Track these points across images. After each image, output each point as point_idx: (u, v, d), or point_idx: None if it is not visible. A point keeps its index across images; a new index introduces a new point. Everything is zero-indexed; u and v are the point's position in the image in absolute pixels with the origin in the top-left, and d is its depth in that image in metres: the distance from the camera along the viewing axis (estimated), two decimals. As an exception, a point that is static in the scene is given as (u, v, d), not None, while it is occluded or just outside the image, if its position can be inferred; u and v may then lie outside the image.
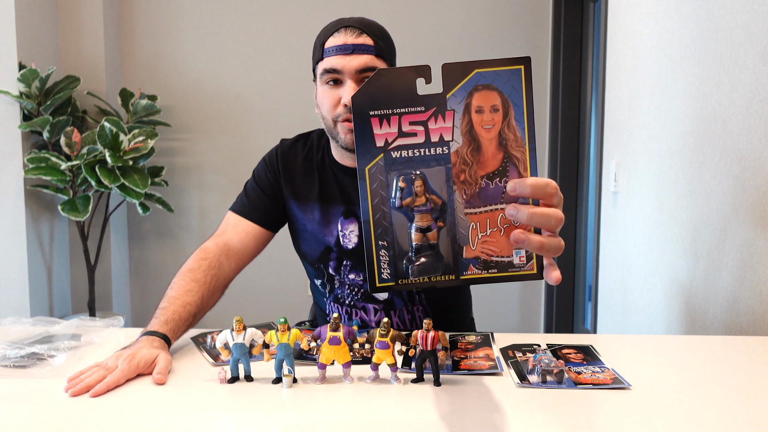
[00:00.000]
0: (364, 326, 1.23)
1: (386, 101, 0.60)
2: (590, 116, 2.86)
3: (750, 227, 1.25)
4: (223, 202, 3.24)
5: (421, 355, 0.83)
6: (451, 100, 0.60)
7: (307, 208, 1.22)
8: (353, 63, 1.06)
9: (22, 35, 2.75)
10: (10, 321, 1.12)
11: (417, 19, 3.15)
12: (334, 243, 1.19)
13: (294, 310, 3.16)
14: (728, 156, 1.34)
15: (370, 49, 1.06)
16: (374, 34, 1.08)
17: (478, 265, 0.63)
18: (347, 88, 1.07)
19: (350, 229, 1.18)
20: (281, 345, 0.82)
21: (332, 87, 1.09)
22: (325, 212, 1.20)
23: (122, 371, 0.82)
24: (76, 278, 3.14)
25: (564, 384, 0.82)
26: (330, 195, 1.21)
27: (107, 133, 2.68)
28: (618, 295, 2.09)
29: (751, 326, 1.23)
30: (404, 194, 0.61)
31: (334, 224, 1.19)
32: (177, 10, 3.21)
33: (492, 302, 3.25)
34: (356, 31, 1.07)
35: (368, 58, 1.06)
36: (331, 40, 1.08)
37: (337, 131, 1.12)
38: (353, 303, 1.22)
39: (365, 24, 1.09)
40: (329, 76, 1.08)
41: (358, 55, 1.06)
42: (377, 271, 0.62)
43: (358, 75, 1.07)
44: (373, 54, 1.06)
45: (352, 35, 1.07)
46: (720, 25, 1.38)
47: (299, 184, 1.23)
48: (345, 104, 1.07)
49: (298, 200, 1.23)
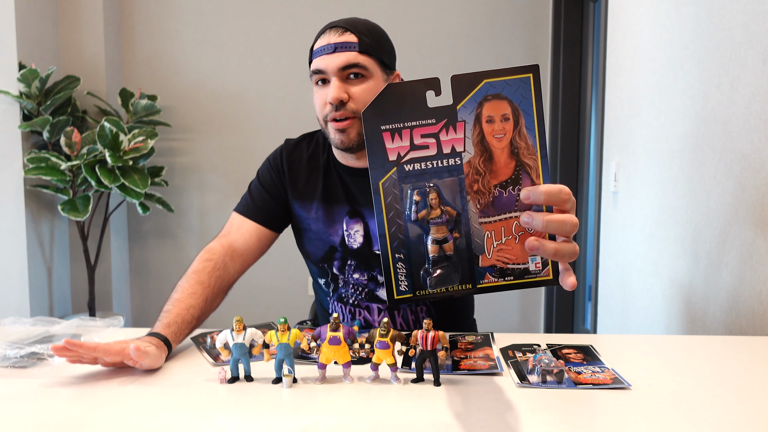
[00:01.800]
0: (368, 326, 1.23)
1: (397, 115, 0.60)
2: (590, 116, 2.86)
3: (750, 227, 1.25)
4: (223, 202, 3.24)
5: (421, 355, 0.83)
6: (462, 111, 0.60)
7: (312, 208, 1.22)
8: (335, 61, 1.06)
9: (22, 35, 2.75)
10: (10, 321, 1.12)
11: (417, 19, 3.15)
12: (339, 243, 1.19)
13: (294, 310, 3.16)
14: (728, 156, 1.34)
15: (353, 46, 1.06)
16: (359, 31, 1.08)
17: (495, 273, 0.63)
18: (332, 86, 1.07)
19: (355, 228, 1.18)
20: (281, 345, 0.82)
21: (321, 87, 1.11)
22: (329, 212, 1.20)
23: (107, 345, 0.84)
24: (76, 278, 3.14)
25: (564, 384, 0.82)
26: (335, 195, 1.20)
27: (107, 133, 2.68)
28: (618, 295, 2.09)
29: (751, 326, 1.23)
30: (419, 207, 0.61)
31: (339, 224, 1.19)
32: (177, 10, 3.21)
33: (492, 302, 3.25)
34: (340, 30, 1.08)
35: (350, 55, 1.06)
36: (318, 42, 1.10)
37: (328, 131, 1.12)
38: (357, 302, 1.22)
39: (351, 22, 1.09)
40: (317, 76, 1.10)
41: (340, 53, 1.06)
42: (395, 284, 0.63)
43: (341, 72, 1.07)
44: (356, 50, 1.06)
45: (335, 35, 1.07)
46: (720, 25, 1.38)
47: (303, 183, 1.23)
48: (330, 102, 1.08)
49: (303, 200, 1.23)
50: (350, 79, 1.08)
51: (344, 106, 1.07)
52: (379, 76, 1.10)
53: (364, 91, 1.08)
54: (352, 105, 1.08)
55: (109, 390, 0.81)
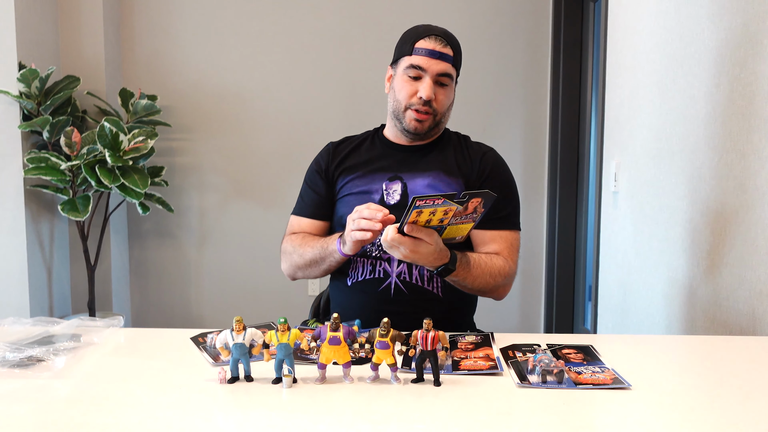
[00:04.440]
0: (386, 277, 1.29)
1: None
2: (590, 116, 2.86)
3: (750, 227, 1.25)
4: (223, 202, 3.24)
5: (421, 355, 0.83)
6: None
7: (356, 176, 1.37)
8: (437, 67, 1.27)
9: (22, 35, 2.75)
10: (10, 321, 1.12)
11: (417, 19, 3.14)
12: (378, 200, 1.33)
13: (294, 310, 3.16)
14: (728, 156, 1.34)
15: (450, 59, 1.28)
16: (454, 47, 1.30)
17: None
18: (426, 85, 1.27)
19: (394, 188, 1.34)
20: (281, 345, 0.82)
21: (412, 79, 1.29)
22: (372, 177, 1.36)
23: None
24: (76, 278, 3.14)
25: (564, 384, 0.82)
26: (379, 163, 1.37)
27: (107, 133, 2.68)
28: (618, 295, 2.09)
29: (751, 326, 1.23)
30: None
31: (379, 185, 1.34)
32: (177, 9, 3.21)
33: (492, 302, 3.25)
34: (443, 41, 1.28)
35: (448, 66, 1.28)
36: (422, 42, 1.28)
37: (404, 116, 1.31)
38: (379, 254, 1.31)
39: (449, 37, 1.30)
40: (414, 71, 1.28)
41: (441, 62, 1.27)
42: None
43: (437, 77, 1.28)
44: (451, 63, 1.28)
45: (440, 44, 1.28)
46: (720, 25, 1.38)
47: (351, 157, 1.40)
48: (421, 97, 1.27)
49: (347, 172, 1.38)
50: (439, 85, 1.29)
51: (429, 104, 1.28)
52: (453, 85, 1.33)
53: (447, 96, 1.31)
54: (435, 104, 1.29)
55: (109, 390, 0.81)
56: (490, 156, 1.38)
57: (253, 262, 3.22)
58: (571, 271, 3.05)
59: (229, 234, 3.24)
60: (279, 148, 3.21)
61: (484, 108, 3.14)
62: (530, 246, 3.18)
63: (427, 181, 1.33)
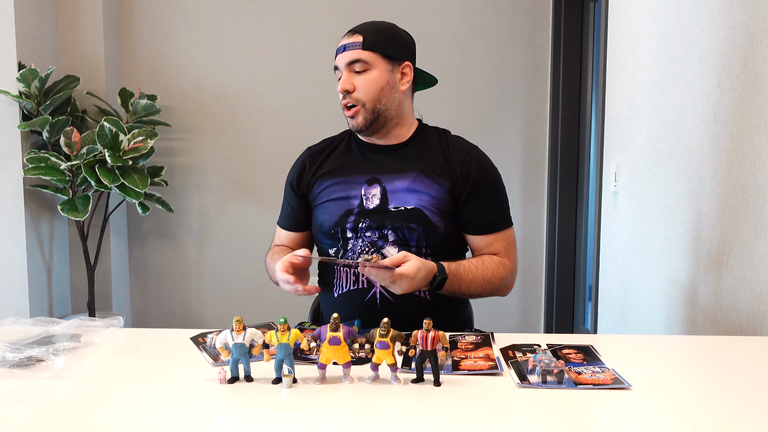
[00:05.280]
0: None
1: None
2: (590, 116, 2.85)
3: (750, 227, 1.25)
4: (223, 202, 3.24)
5: (421, 355, 0.83)
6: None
7: (333, 182, 1.35)
8: (344, 58, 1.28)
9: (22, 35, 2.75)
10: (9, 321, 1.12)
11: (417, 19, 3.15)
12: (357, 205, 1.31)
13: (294, 310, 3.15)
14: (728, 156, 1.34)
15: (357, 44, 1.27)
16: (366, 32, 1.28)
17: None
18: (342, 78, 1.28)
19: (372, 192, 1.31)
20: (281, 345, 0.82)
21: (339, 82, 1.30)
22: (349, 181, 1.34)
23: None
24: (75, 278, 3.13)
25: (564, 384, 0.82)
26: (355, 167, 1.35)
27: (107, 133, 2.68)
28: (618, 295, 2.09)
29: (751, 326, 1.23)
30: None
31: (357, 190, 1.32)
32: (177, 9, 3.21)
33: (492, 302, 3.25)
34: (352, 32, 1.29)
35: (355, 52, 1.27)
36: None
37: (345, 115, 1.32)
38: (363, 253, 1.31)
39: (363, 25, 1.30)
40: (337, 73, 1.31)
41: (348, 52, 1.28)
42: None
43: (348, 67, 1.27)
44: (360, 48, 1.26)
45: (347, 38, 1.29)
46: (720, 25, 1.38)
47: (327, 164, 1.39)
48: (339, 91, 1.29)
49: (324, 177, 1.36)
50: (357, 73, 1.27)
51: (350, 95, 1.27)
52: (382, 67, 1.28)
53: (366, 81, 1.27)
54: (357, 94, 1.27)
55: (109, 390, 0.81)
56: (473, 157, 1.31)
57: (253, 262, 3.21)
58: (571, 271, 3.05)
59: (229, 234, 3.24)
60: (279, 148, 3.21)
61: (483, 108, 3.14)
62: (530, 246, 3.18)
63: (406, 183, 1.28)
